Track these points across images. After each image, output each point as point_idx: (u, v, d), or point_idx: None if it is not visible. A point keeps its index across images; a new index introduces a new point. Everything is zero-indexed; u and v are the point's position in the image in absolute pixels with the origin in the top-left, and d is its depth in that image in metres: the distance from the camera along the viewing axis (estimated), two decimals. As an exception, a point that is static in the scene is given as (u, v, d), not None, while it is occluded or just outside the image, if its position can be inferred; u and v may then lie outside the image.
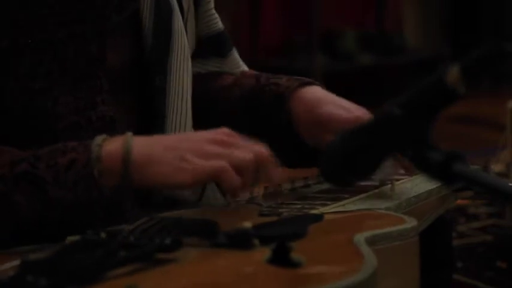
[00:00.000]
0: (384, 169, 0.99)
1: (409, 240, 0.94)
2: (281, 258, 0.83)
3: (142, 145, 0.96)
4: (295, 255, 0.84)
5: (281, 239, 0.86)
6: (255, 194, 1.09)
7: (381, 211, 1.03)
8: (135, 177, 0.95)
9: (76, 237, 0.90)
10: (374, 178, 1.11)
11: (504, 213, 2.29)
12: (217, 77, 1.24)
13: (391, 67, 4.52)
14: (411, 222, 0.95)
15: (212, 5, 1.24)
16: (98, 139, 0.96)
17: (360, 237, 0.89)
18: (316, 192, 1.13)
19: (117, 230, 0.91)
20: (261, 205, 1.06)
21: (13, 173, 0.95)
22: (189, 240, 0.89)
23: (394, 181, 1.12)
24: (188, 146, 0.96)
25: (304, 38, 4.24)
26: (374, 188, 1.12)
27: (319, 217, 0.99)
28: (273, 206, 1.05)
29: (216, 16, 1.25)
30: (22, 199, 0.94)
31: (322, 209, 1.03)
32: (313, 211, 1.02)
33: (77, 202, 0.94)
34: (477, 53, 0.81)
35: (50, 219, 0.95)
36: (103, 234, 0.89)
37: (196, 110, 1.16)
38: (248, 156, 0.97)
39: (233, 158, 0.96)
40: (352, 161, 0.93)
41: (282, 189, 1.15)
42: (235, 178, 0.96)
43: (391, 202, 1.07)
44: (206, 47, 1.24)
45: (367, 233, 0.90)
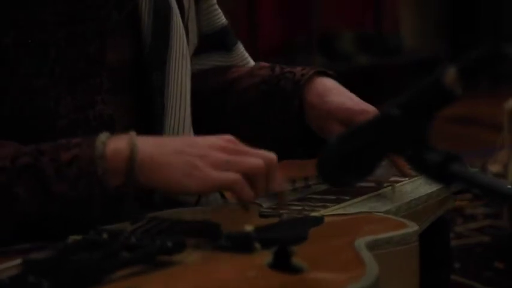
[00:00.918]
0: (379, 170, 0.99)
1: (411, 245, 0.93)
2: (282, 262, 0.83)
3: (148, 146, 0.96)
4: (296, 260, 0.83)
5: (282, 243, 0.86)
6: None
7: (381, 214, 1.03)
8: (141, 178, 0.95)
9: (78, 236, 0.89)
10: (371, 177, 1.11)
11: (501, 214, 2.30)
12: (227, 70, 1.25)
13: (389, 68, 4.52)
14: (412, 227, 0.95)
15: (215, 0, 1.25)
16: (102, 137, 0.96)
17: (361, 242, 0.88)
18: (316, 193, 1.13)
19: (118, 231, 0.91)
20: (261, 205, 1.06)
21: (15, 165, 0.95)
22: (192, 242, 0.89)
23: (395, 183, 1.13)
24: (197, 152, 0.96)
25: (302, 39, 4.24)
26: (374, 190, 1.12)
27: (319, 220, 0.99)
28: (273, 207, 1.05)
29: (219, 11, 1.25)
30: (23, 191, 0.94)
31: (322, 212, 1.03)
32: (313, 213, 1.02)
33: (78, 198, 0.94)
34: (475, 54, 0.81)
35: (50, 213, 0.95)
36: (105, 234, 0.89)
37: (210, 104, 1.17)
38: (259, 163, 0.96)
39: (244, 166, 0.96)
40: (349, 162, 0.93)
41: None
42: (247, 190, 0.96)
43: (391, 205, 1.06)
44: (211, 42, 1.24)
45: (367, 238, 0.90)
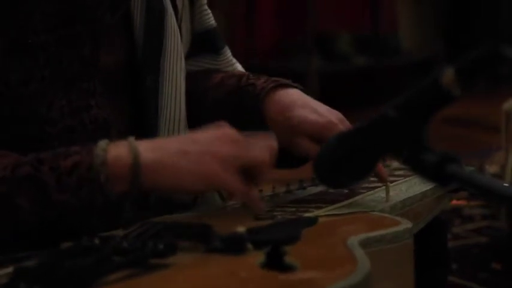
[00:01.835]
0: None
1: (403, 242, 0.93)
2: (275, 262, 0.83)
3: (149, 150, 0.95)
4: (288, 259, 0.83)
5: (275, 244, 0.86)
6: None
7: (376, 213, 1.03)
8: (146, 183, 0.94)
9: (69, 243, 0.89)
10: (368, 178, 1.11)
11: (499, 214, 2.29)
12: (207, 76, 1.24)
13: (387, 69, 4.52)
14: (405, 224, 0.95)
15: (205, 1, 1.24)
16: (102, 144, 0.95)
17: (354, 240, 0.88)
18: (310, 194, 1.12)
19: (110, 236, 0.91)
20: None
21: (15, 175, 0.94)
22: (184, 244, 0.89)
23: (389, 183, 1.12)
24: (202, 148, 0.95)
25: (300, 40, 4.24)
26: (368, 190, 1.11)
27: (313, 220, 0.99)
28: (268, 209, 1.05)
29: (209, 12, 1.24)
30: (24, 202, 0.94)
31: (316, 212, 1.03)
32: (307, 214, 1.02)
33: (79, 206, 0.94)
34: (472, 55, 0.81)
35: (51, 222, 0.95)
36: (96, 239, 0.89)
37: (188, 109, 1.16)
38: (266, 156, 0.96)
39: (253, 160, 0.96)
40: (346, 163, 0.93)
41: (278, 192, 1.14)
42: (254, 197, 0.97)
43: (386, 204, 1.06)
44: (200, 43, 1.24)
45: (360, 236, 0.90)
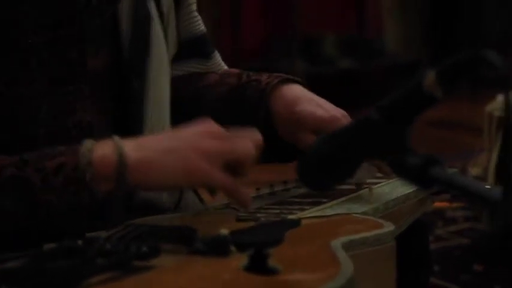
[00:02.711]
0: (360, 172, 0.99)
1: (386, 244, 0.94)
2: (258, 265, 0.83)
3: (135, 149, 0.96)
4: (272, 261, 0.83)
5: (258, 246, 0.86)
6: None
7: (359, 215, 1.03)
8: (132, 181, 0.95)
9: (52, 245, 0.89)
10: (350, 180, 1.11)
11: (481, 216, 2.30)
12: (202, 77, 1.25)
13: (371, 71, 4.54)
14: (388, 226, 0.96)
15: (195, 7, 1.25)
16: (88, 144, 0.96)
17: (337, 242, 0.88)
18: (294, 196, 1.13)
19: (93, 238, 0.91)
20: (238, 210, 1.06)
21: (0, 177, 0.94)
22: (167, 246, 0.89)
23: (372, 185, 1.13)
24: (187, 145, 0.96)
25: (284, 42, 4.25)
26: (352, 192, 1.12)
27: (296, 222, 0.99)
28: (251, 211, 1.05)
29: (199, 18, 1.25)
30: (9, 203, 0.94)
31: (299, 214, 1.03)
32: (290, 216, 1.02)
33: (66, 206, 0.94)
34: (454, 59, 0.82)
35: (38, 223, 0.95)
36: (80, 241, 0.88)
37: (182, 110, 1.17)
38: (250, 149, 0.97)
39: (238, 154, 0.96)
40: (330, 165, 0.93)
41: (261, 193, 1.15)
42: (242, 192, 0.97)
43: (369, 206, 1.07)
44: (190, 49, 1.24)
45: (344, 239, 0.90)
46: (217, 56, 1.28)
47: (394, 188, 1.14)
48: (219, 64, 1.28)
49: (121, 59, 1.10)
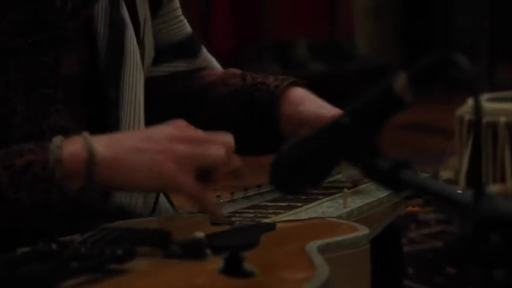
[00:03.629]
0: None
1: (361, 248, 0.94)
2: (233, 268, 0.83)
3: (105, 146, 0.95)
4: (247, 265, 0.84)
5: (233, 249, 0.86)
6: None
7: (333, 219, 1.04)
8: (101, 179, 0.94)
9: (26, 248, 0.89)
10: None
11: (453, 219, 2.32)
12: (196, 75, 1.26)
13: (343, 74, 4.56)
14: (363, 230, 0.96)
15: (180, 12, 1.26)
16: (57, 141, 0.95)
17: (312, 246, 0.89)
18: (268, 200, 1.13)
19: (68, 241, 0.91)
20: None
21: None
22: (142, 250, 0.89)
23: (346, 189, 1.14)
24: (157, 147, 0.95)
25: (256, 47, 4.25)
26: (326, 196, 1.12)
27: (271, 226, 1.00)
28: (225, 215, 1.05)
29: (184, 21, 1.27)
30: None
31: (274, 218, 1.03)
32: (265, 220, 1.03)
33: (35, 204, 0.93)
34: (424, 62, 0.82)
35: (8, 222, 0.94)
36: (54, 245, 0.88)
37: (181, 108, 1.19)
38: (222, 153, 0.96)
39: (208, 159, 0.96)
40: (302, 170, 0.93)
41: (235, 197, 1.15)
42: (210, 199, 0.97)
43: (343, 210, 1.07)
44: (177, 52, 1.26)
45: (319, 242, 0.90)
46: (204, 52, 1.30)
47: (368, 192, 1.15)
48: (207, 59, 1.30)
49: (97, 65, 1.10)
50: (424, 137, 3.64)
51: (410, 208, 2.39)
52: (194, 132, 0.98)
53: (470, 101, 2.28)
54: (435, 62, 0.81)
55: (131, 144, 0.96)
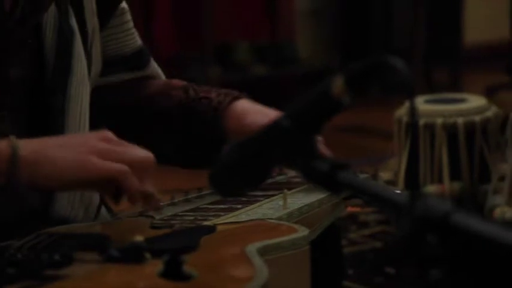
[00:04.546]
0: None
1: (301, 249, 0.95)
2: (173, 271, 0.83)
3: (28, 143, 0.96)
4: (187, 268, 0.84)
5: (173, 252, 0.86)
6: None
7: (273, 221, 1.04)
8: (25, 174, 0.94)
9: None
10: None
11: (392, 219, 2.35)
12: (140, 86, 1.27)
13: (284, 78, 4.58)
14: (303, 231, 0.97)
15: (131, 24, 1.26)
16: None
17: (252, 248, 0.89)
18: (209, 203, 1.13)
19: (3, 247, 0.89)
20: (153, 217, 1.05)
21: None
22: (80, 255, 0.88)
23: (286, 190, 1.14)
24: (80, 142, 0.97)
25: (197, 49, 4.25)
26: (266, 198, 1.13)
27: (211, 229, 1.00)
28: (165, 218, 1.05)
29: (135, 34, 1.27)
30: None
31: (214, 220, 1.03)
32: (205, 222, 1.03)
33: None
34: (361, 65, 0.83)
35: None
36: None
37: (125, 118, 1.20)
38: (143, 155, 0.98)
39: (129, 156, 0.97)
40: (241, 172, 0.94)
41: (175, 200, 1.15)
42: (133, 180, 0.96)
43: (283, 211, 1.08)
44: (126, 64, 1.26)
45: (259, 244, 0.91)
46: (151, 63, 1.30)
47: (308, 194, 1.15)
48: (154, 70, 1.30)
49: (44, 73, 1.10)
50: (364, 139, 3.68)
51: (350, 208, 2.41)
52: (116, 137, 0.99)
53: (407, 103, 2.30)
54: (371, 65, 0.82)
55: (54, 141, 0.98)
